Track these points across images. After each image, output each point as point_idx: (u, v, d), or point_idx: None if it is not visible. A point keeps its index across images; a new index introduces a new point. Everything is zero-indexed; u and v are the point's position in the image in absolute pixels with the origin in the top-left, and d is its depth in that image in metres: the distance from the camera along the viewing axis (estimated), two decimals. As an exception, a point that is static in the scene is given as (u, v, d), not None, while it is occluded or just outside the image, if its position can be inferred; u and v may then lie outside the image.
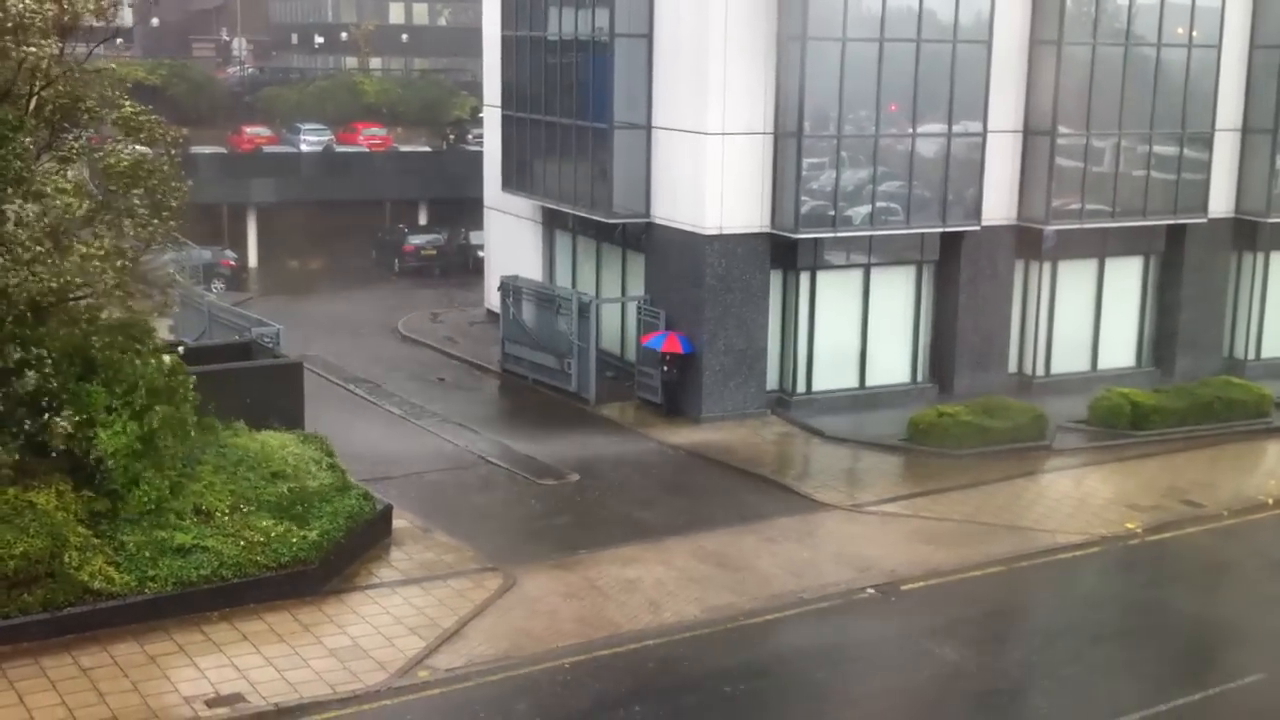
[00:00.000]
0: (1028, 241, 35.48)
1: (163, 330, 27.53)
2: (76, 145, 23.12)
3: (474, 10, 57.98)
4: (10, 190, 21.19)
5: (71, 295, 21.39)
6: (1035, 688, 20.39)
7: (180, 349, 24.32)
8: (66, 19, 21.52)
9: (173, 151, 23.84)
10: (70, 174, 22.75)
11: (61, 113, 22.72)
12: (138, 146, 22.71)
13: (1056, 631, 22.37)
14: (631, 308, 35.68)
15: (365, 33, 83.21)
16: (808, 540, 25.67)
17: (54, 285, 20.80)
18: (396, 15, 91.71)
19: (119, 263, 21.90)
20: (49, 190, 21.88)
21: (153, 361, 22.45)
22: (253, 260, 55.00)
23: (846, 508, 27.38)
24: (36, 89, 22.10)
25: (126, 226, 22.29)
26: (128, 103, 23.58)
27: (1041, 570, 24.60)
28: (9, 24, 20.89)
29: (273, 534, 22.23)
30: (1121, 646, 21.66)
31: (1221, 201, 37.04)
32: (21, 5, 20.97)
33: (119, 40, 22.98)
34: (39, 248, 20.84)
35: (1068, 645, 21.58)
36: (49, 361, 21.19)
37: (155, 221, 22.75)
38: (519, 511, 27.21)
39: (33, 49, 21.23)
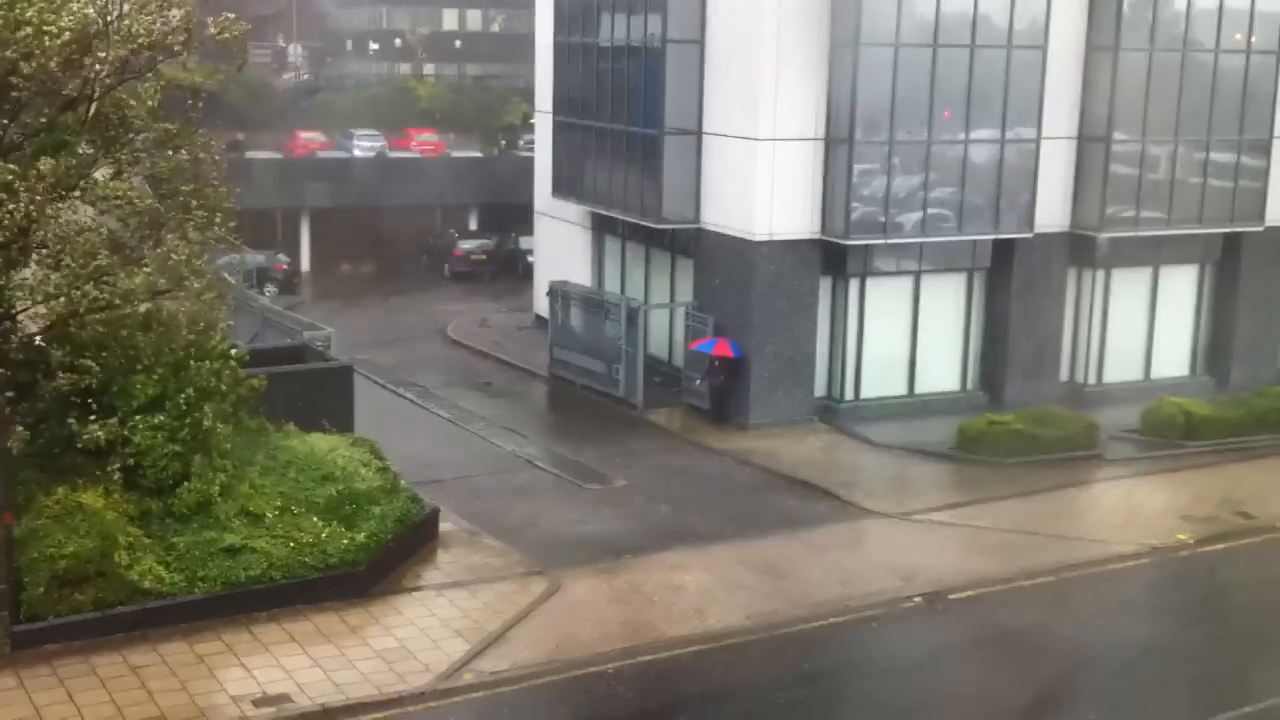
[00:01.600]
0: (1081, 249, 35.15)
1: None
2: (131, 154, 23.23)
3: (526, 17, 58.11)
4: (71, 197, 21.38)
5: (145, 300, 21.43)
6: (1082, 701, 20.17)
7: (234, 349, 24.48)
8: (144, 40, 21.62)
9: (216, 158, 23.89)
10: (131, 181, 22.87)
11: (118, 120, 22.88)
12: (180, 153, 22.81)
13: (1104, 644, 22.06)
14: (680, 314, 35.65)
15: (422, 37, 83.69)
16: (855, 548, 25.54)
17: (116, 300, 20.91)
18: (450, 22, 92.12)
19: (198, 264, 22.04)
20: (111, 197, 22.03)
21: (209, 362, 22.64)
22: (305, 264, 55.41)
23: (894, 516, 27.22)
24: (96, 95, 22.28)
25: (190, 233, 22.38)
26: (165, 123, 23.67)
27: (1091, 581, 24.34)
28: (91, 35, 21.07)
29: (321, 536, 22.37)
30: (1171, 659, 21.41)
31: (1279, 209, 36.51)
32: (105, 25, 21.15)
33: (180, 47, 22.99)
34: (101, 259, 20.94)
35: (1116, 658, 21.32)
36: (88, 359, 21.33)
37: (215, 227, 22.90)
38: (565, 516, 27.22)
39: (100, 59, 21.41)
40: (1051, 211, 34.30)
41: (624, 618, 22.02)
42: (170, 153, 22.62)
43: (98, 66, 21.37)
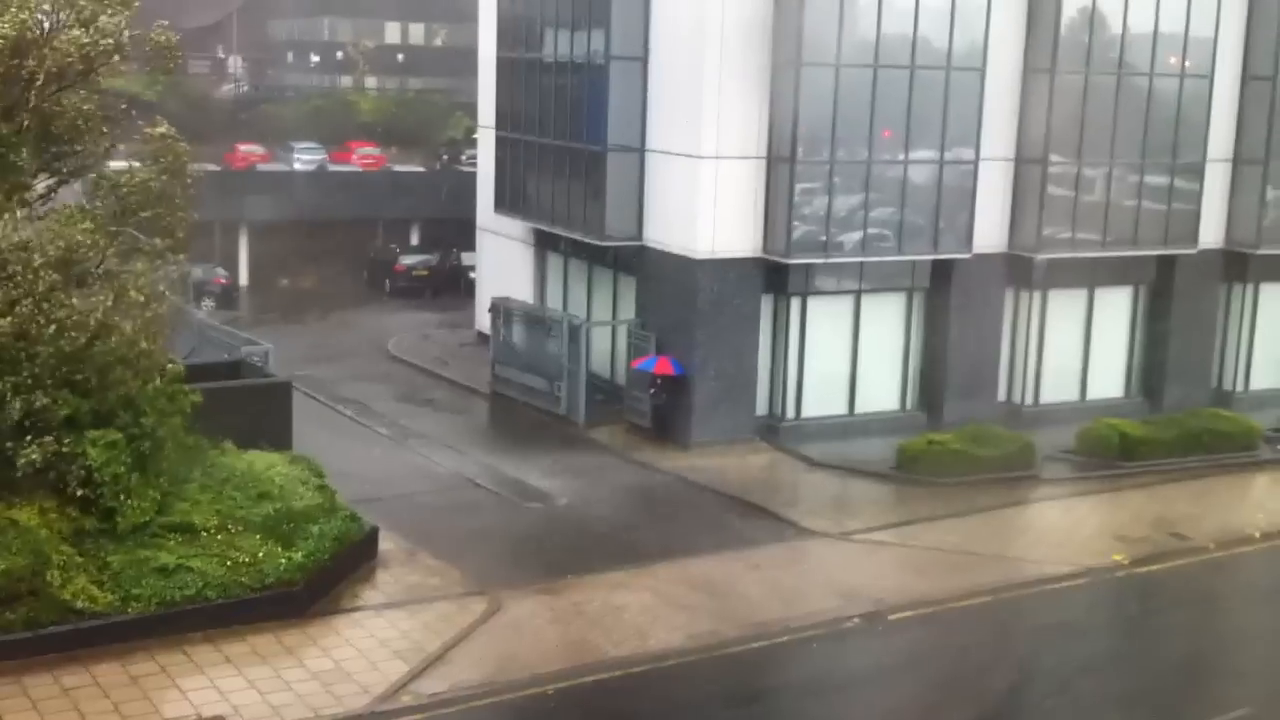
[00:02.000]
0: (1018, 270, 35.50)
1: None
2: (84, 165, 22.86)
3: (470, 31, 58.04)
4: (8, 214, 21.01)
5: (99, 333, 21.02)
6: None
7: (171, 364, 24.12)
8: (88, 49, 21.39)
9: (189, 180, 23.62)
10: (70, 197, 22.51)
11: (63, 131, 22.54)
12: (136, 164, 22.55)
13: (1041, 663, 22.30)
14: (622, 331, 35.66)
15: (365, 50, 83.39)
16: (795, 568, 25.60)
17: (69, 322, 20.48)
18: (393, 35, 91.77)
19: (154, 305, 21.71)
20: (55, 213, 21.65)
21: (156, 380, 22.33)
22: (244, 278, 54.91)
23: (834, 535, 27.32)
24: (33, 104, 21.99)
25: (138, 261, 22.02)
26: (164, 125, 23.40)
27: (1028, 601, 24.55)
28: (28, 42, 20.84)
29: (258, 554, 22.14)
30: (1107, 678, 21.61)
31: (1212, 232, 37.08)
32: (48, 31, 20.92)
33: (116, 57, 22.77)
34: (51, 276, 20.50)
35: (1052, 677, 21.52)
36: (35, 384, 20.93)
37: (168, 253, 22.63)
38: (506, 535, 27.11)
39: (31, 63, 21.14)
40: (990, 232, 34.63)
41: (565, 638, 21.95)
42: (146, 162, 22.31)
43: (36, 76, 21.15)
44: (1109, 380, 37.56)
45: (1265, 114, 36.56)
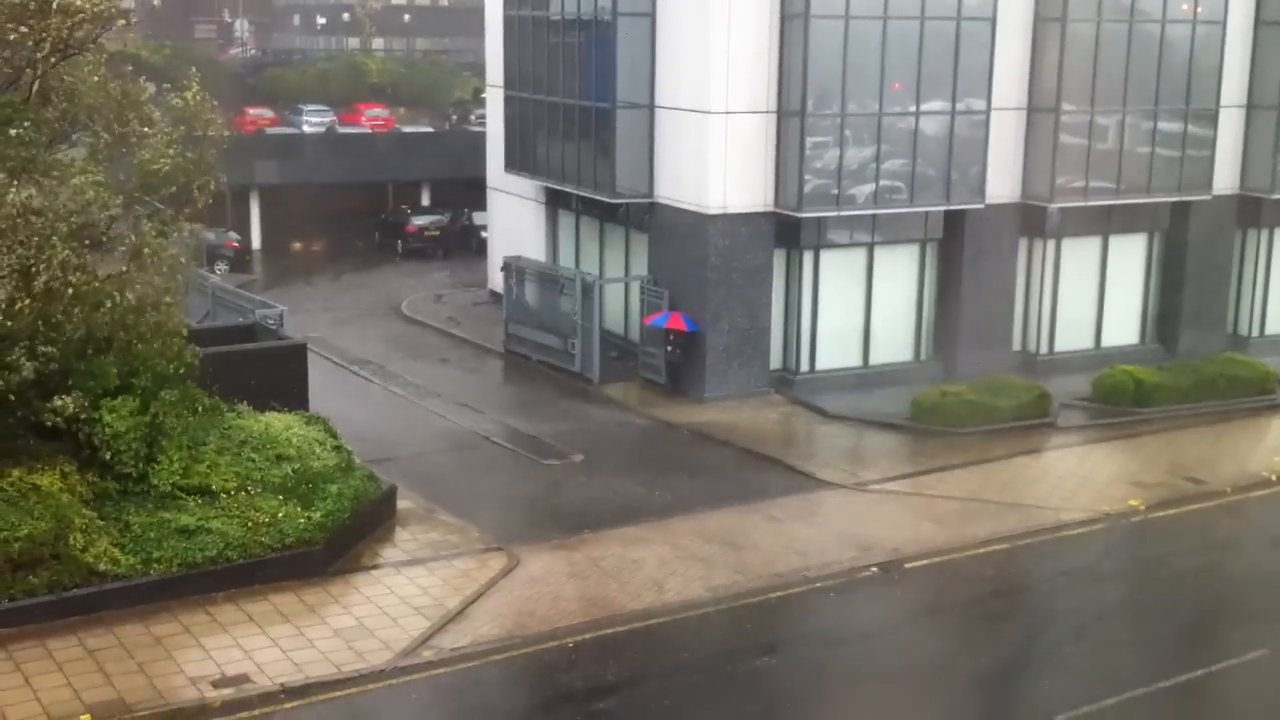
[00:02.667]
0: (1031, 219, 35.40)
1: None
2: (106, 138, 22.77)
3: (476, -10, 57.88)
4: (16, 179, 20.97)
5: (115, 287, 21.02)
6: (1037, 667, 20.43)
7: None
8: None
9: (213, 152, 23.53)
10: (80, 162, 22.37)
11: (81, 103, 22.40)
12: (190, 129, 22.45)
13: (1058, 610, 22.40)
14: (635, 288, 35.67)
15: (372, 11, 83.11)
16: (811, 519, 25.69)
17: (83, 288, 20.46)
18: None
19: (165, 269, 21.73)
20: (71, 182, 21.55)
21: (159, 344, 22.38)
22: (256, 242, 54.98)
23: (850, 486, 27.40)
24: (40, 71, 21.92)
25: (145, 228, 22.00)
26: (194, 86, 23.31)
27: (1045, 548, 24.63)
28: (31, 8, 20.75)
29: (278, 515, 22.28)
30: (1124, 623, 21.71)
31: (1226, 178, 36.92)
32: None
33: (121, 21, 22.67)
34: (66, 249, 20.44)
35: (1070, 623, 21.60)
36: (54, 349, 20.99)
37: (185, 222, 22.62)
38: (523, 491, 27.25)
39: (26, 29, 21.04)
40: (1002, 182, 34.51)
41: (583, 592, 22.07)
42: (170, 130, 22.23)
43: (41, 43, 21.06)
44: (1124, 327, 37.52)
45: (1278, 59, 36.31)
